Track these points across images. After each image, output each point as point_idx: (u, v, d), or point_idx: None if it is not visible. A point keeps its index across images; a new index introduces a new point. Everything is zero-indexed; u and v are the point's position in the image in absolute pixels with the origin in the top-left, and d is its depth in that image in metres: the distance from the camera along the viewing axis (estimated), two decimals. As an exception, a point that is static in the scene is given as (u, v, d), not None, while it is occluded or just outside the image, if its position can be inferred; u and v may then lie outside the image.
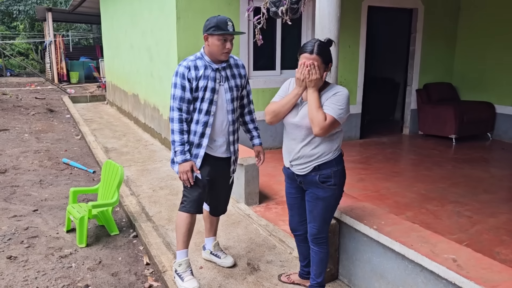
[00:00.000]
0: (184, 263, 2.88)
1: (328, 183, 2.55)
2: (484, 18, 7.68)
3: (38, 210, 4.28)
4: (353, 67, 7.32)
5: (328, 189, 2.56)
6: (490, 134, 7.70)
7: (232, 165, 3.05)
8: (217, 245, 3.31)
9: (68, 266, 3.22)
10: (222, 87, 2.85)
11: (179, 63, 2.83)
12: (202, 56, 2.84)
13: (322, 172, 2.54)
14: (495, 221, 4.08)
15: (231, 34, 2.76)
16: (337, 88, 2.50)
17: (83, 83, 17.21)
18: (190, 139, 2.84)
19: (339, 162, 2.60)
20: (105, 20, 11.69)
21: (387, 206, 4.47)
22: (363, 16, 7.21)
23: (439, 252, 2.35)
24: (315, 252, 2.73)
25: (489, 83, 7.70)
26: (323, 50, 2.43)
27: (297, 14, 2.97)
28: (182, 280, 2.83)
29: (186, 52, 5.94)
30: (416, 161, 6.29)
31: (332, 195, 2.59)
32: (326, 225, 2.68)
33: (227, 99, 2.87)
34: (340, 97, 2.44)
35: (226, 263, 3.24)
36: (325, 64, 2.45)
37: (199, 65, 2.80)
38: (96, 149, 6.53)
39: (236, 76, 2.95)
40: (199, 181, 2.88)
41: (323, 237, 2.69)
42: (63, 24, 24.25)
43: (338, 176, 2.57)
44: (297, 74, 2.46)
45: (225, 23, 2.73)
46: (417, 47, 7.89)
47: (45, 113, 9.90)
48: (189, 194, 2.91)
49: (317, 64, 2.40)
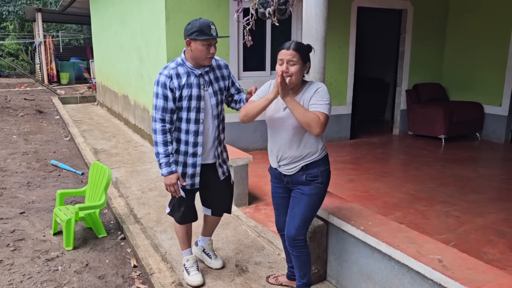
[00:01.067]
0: (191, 259, 3.06)
1: (315, 181, 2.57)
2: (473, 19, 7.74)
3: (25, 213, 4.24)
4: (343, 68, 7.34)
5: (314, 187, 2.58)
6: (479, 134, 7.77)
7: (219, 167, 2.99)
8: (211, 245, 3.31)
9: (54, 269, 3.18)
10: (207, 92, 2.78)
11: (160, 71, 2.71)
12: (183, 62, 2.73)
13: (309, 171, 2.56)
14: (483, 220, 4.11)
15: (215, 38, 2.68)
16: (316, 85, 2.53)
17: (74, 84, 17.10)
18: (183, 149, 2.79)
19: (326, 162, 2.63)
20: (95, 20, 11.62)
21: (376, 206, 4.48)
22: (352, 17, 7.23)
23: (425, 253, 2.36)
24: (295, 256, 2.70)
25: (477, 83, 7.76)
26: (300, 47, 2.46)
27: (285, 15, 2.96)
28: (188, 274, 3.00)
29: (176, 53, 5.92)
30: (405, 161, 6.32)
31: (317, 193, 2.60)
32: (305, 227, 2.64)
33: (212, 104, 2.81)
34: (322, 92, 2.47)
35: (215, 265, 3.23)
36: (303, 61, 2.46)
37: (181, 72, 2.69)
38: (85, 151, 6.48)
39: (220, 79, 2.89)
40: (189, 192, 2.88)
41: (300, 240, 2.63)
42: (53, 25, 24.08)
43: (325, 175, 2.60)
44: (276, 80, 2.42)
45: (208, 27, 2.64)
46: (406, 48, 7.94)
47: (34, 114, 9.81)
48: (178, 205, 2.93)
49: (295, 60, 2.41)
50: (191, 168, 2.82)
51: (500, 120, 7.45)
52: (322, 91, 2.48)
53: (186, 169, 2.83)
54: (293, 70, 2.43)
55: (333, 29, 6.97)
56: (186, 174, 2.83)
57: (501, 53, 7.30)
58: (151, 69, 6.79)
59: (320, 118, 2.38)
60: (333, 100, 7.24)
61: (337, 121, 7.39)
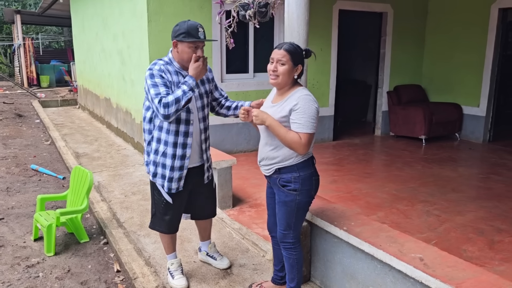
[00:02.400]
0: (176, 262, 3.03)
1: (287, 187, 2.51)
2: (451, 22, 7.89)
3: (4, 219, 4.15)
4: (325, 70, 7.40)
5: (288, 194, 2.51)
6: (458, 135, 7.92)
7: (206, 172, 2.98)
8: (213, 247, 3.30)
9: (35, 276, 3.13)
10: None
11: (150, 67, 2.64)
12: (171, 61, 2.70)
13: (282, 176, 2.51)
14: (462, 219, 4.20)
15: (202, 41, 2.65)
16: (299, 95, 2.41)
17: (54, 87, 16.82)
18: (170, 152, 2.72)
19: (303, 168, 2.50)
20: (75, 22, 11.47)
21: (359, 206, 4.53)
22: (334, 20, 7.31)
23: (407, 252, 2.40)
24: (285, 257, 2.71)
25: (456, 85, 7.92)
26: (293, 49, 2.42)
27: (266, 18, 2.98)
28: (172, 277, 2.99)
29: (158, 55, 5.88)
30: (387, 162, 6.41)
31: (293, 201, 2.52)
32: (291, 231, 2.60)
33: (198, 107, 2.78)
34: (303, 107, 2.36)
35: (222, 265, 3.24)
36: (293, 63, 2.41)
37: (170, 70, 2.66)
38: (67, 155, 6.39)
39: (205, 82, 2.87)
40: (175, 198, 2.84)
41: (289, 243, 2.63)
42: (33, 27, 23.67)
43: (300, 183, 2.49)
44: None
45: (196, 30, 2.61)
46: (387, 50, 8.05)
47: (13, 118, 9.63)
48: (162, 215, 2.89)
49: (284, 60, 2.39)
50: (178, 171, 2.76)
51: (478, 120, 7.61)
52: (303, 106, 2.36)
53: (173, 173, 2.76)
54: (280, 70, 2.40)
55: (315, 31, 7.03)
56: (173, 179, 2.77)
57: (479, 55, 7.46)
58: (133, 71, 6.73)
59: (301, 139, 2.35)
60: (316, 102, 7.29)
61: (320, 123, 7.44)
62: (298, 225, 2.63)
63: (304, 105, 2.36)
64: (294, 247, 2.65)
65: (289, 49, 2.41)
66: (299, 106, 2.37)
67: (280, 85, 2.47)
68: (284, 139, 2.38)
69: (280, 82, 2.44)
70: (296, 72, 2.47)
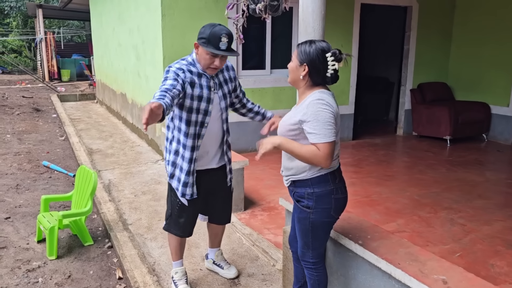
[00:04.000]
0: (180, 271, 2.92)
1: (301, 203, 2.26)
2: (480, 16, 7.49)
3: (10, 218, 4.06)
4: (346, 67, 7.10)
5: (302, 210, 2.26)
6: (486, 135, 7.53)
7: (229, 173, 2.88)
8: (221, 255, 3.16)
9: (34, 282, 3.01)
10: (217, 95, 2.64)
11: (170, 65, 2.54)
12: (194, 62, 2.59)
13: (297, 189, 2.27)
14: (489, 229, 3.90)
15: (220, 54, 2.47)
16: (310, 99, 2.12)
17: (75, 81, 16.95)
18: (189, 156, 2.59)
19: (319, 184, 2.21)
20: (94, 17, 11.45)
21: (378, 212, 4.28)
22: (356, 14, 7.01)
23: (429, 272, 2.16)
24: (306, 276, 2.48)
25: (484, 83, 7.52)
26: (303, 46, 2.19)
27: (278, 12, 2.77)
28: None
29: (172, 51, 5.73)
30: (409, 164, 6.11)
31: (306, 218, 2.26)
32: (310, 250, 2.36)
33: (222, 107, 2.67)
34: (314, 114, 2.07)
35: (229, 274, 3.09)
36: (299, 61, 2.17)
37: (193, 71, 2.56)
38: (79, 151, 6.31)
39: (228, 81, 2.75)
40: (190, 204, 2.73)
41: (309, 262, 2.41)
42: (56, 21, 23.94)
43: (314, 200, 2.21)
44: None
45: (218, 39, 2.42)
46: (411, 46, 7.71)
47: (31, 113, 9.65)
48: (177, 217, 2.78)
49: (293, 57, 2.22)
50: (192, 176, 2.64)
51: (508, 121, 7.21)
52: (312, 113, 2.07)
53: (188, 178, 2.64)
54: (289, 66, 2.25)
55: (335, 27, 6.76)
56: (188, 184, 2.64)
57: (509, 52, 7.06)
58: (148, 67, 6.60)
59: (320, 150, 2.06)
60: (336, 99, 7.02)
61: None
62: (316, 245, 2.37)
63: (313, 112, 2.08)
64: (315, 268, 2.42)
65: (299, 45, 2.21)
66: (308, 114, 2.09)
67: (290, 83, 2.27)
68: (301, 155, 2.10)
69: (289, 80, 2.27)
70: (300, 71, 2.17)
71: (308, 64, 2.15)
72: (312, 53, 2.14)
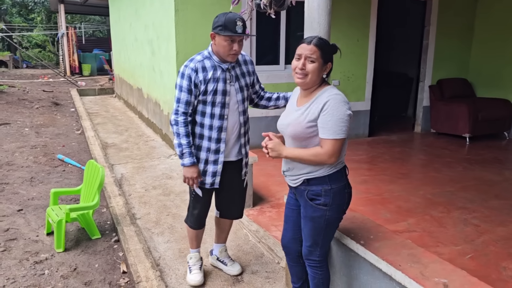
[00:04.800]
0: (194, 257, 3.01)
1: (316, 201, 2.20)
2: (503, 10, 7.25)
3: (22, 210, 4.14)
4: (362, 62, 7.00)
5: (317, 209, 2.21)
6: (507, 133, 7.31)
7: (244, 167, 2.90)
8: (224, 251, 3.17)
9: (40, 273, 3.05)
10: (233, 87, 2.67)
11: (185, 63, 2.62)
12: (210, 55, 2.63)
13: (311, 188, 2.20)
14: (504, 231, 3.78)
15: (239, 36, 2.53)
16: (328, 95, 2.11)
17: (95, 76, 17.20)
18: (205, 145, 2.69)
19: (335, 180, 2.20)
20: (112, 12, 11.57)
21: (389, 211, 4.20)
22: (373, 8, 6.87)
23: (430, 275, 2.09)
24: (309, 275, 2.45)
25: (506, 79, 7.29)
26: (323, 44, 2.14)
27: (284, 7, 2.72)
28: (190, 272, 2.98)
29: (185, 47, 5.73)
30: (425, 162, 5.98)
31: (322, 216, 2.22)
32: (319, 248, 2.34)
33: (238, 100, 2.70)
34: (330, 109, 2.06)
35: (232, 271, 3.09)
36: (323, 61, 2.13)
37: (207, 66, 2.60)
38: (94, 145, 6.39)
39: (246, 74, 2.77)
40: (206, 193, 2.82)
41: (315, 261, 2.38)
42: (78, 16, 24.31)
43: (331, 196, 2.19)
44: None
45: (233, 23, 2.50)
46: (430, 41, 7.52)
47: (50, 107, 9.83)
48: (192, 208, 2.88)
49: (314, 57, 2.10)
50: (212, 165, 2.72)
51: (531, 118, 6.98)
52: (331, 107, 2.05)
53: (207, 167, 2.73)
54: (310, 68, 2.11)
55: (350, 21, 6.65)
56: (206, 172, 2.73)
57: (533, 47, 6.82)
58: (162, 62, 6.62)
59: (323, 148, 2.07)
60: (351, 95, 6.92)
61: (354, 117, 6.95)
62: (326, 243, 2.36)
63: (333, 107, 2.05)
64: (320, 266, 2.39)
65: (319, 44, 2.12)
66: (327, 107, 2.06)
67: (307, 85, 2.16)
68: (308, 159, 2.12)
69: (309, 82, 2.14)
70: (326, 70, 2.17)
71: (331, 61, 2.18)
72: (331, 50, 2.18)
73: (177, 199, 4.49)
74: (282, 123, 2.28)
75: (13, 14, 25.72)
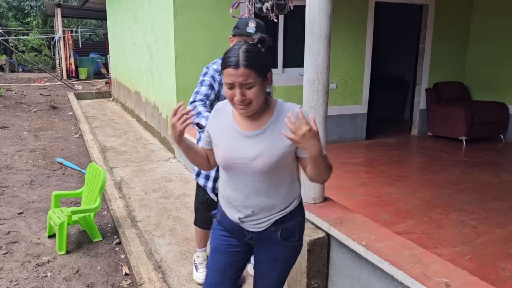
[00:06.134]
0: (202, 256, 3.06)
1: (291, 239, 1.86)
2: (499, 14, 7.33)
3: (23, 213, 4.15)
4: (359, 65, 7.05)
5: (290, 247, 1.89)
6: (503, 136, 7.37)
7: None
8: None
9: (43, 276, 3.06)
10: None
11: (208, 65, 2.64)
12: None
13: (285, 225, 1.84)
14: (502, 232, 3.82)
15: (247, 35, 2.51)
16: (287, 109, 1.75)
17: (92, 79, 17.19)
18: None
19: (302, 207, 1.94)
20: (110, 16, 11.59)
21: (388, 213, 4.23)
22: (370, 13, 6.93)
23: (431, 275, 2.13)
24: None
25: (502, 83, 7.36)
26: (254, 59, 1.64)
27: (284, 11, 2.75)
28: (197, 270, 3.03)
29: (184, 50, 5.76)
30: (422, 164, 6.02)
31: (295, 254, 1.94)
32: None
33: None
34: None
35: None
36: (262, 78, 1.67)
37: None
38: (93, 148, 6.40)
39: None
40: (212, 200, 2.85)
41: None
42: (74, 20, 24.31)
43: (303, 227, 1.93)
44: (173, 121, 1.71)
45: (245, 24, 2.53)
46: (427, 45, 7.58)
47: (47, 110, 9.82)
48: (205, 211, 2.90)
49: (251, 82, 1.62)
50: (214, 171, 2.74)
51: (526, 121, 7.05)
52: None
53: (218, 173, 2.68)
54: (251, 95, 1.64)
55: (348, 25, 6.70)
56: (217, 179, 2.74)
57: (529, 51, 6.90)
58: (160, 66, 6.65)
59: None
60: (348, 98, 6.98)
61: (352, 121, 7.12)
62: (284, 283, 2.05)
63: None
64: None
65: (250, 62, 1.62)
66: None
67: (254, 110, 1.70)
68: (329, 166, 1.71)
69: (254, 108, 1.69)
70: (268, 82, 1.73)
71: (269, 69, 1.74)
72: (265, 56, 1.72)
73: (177, 202, 4.50)
74: (242, 157, 1.73)
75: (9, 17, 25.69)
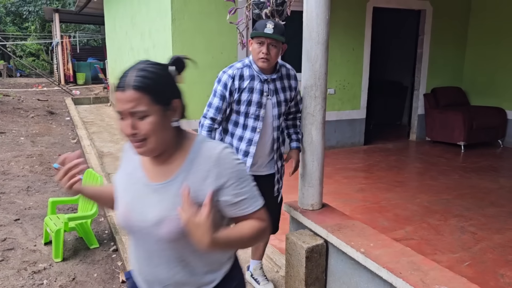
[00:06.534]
0: (258, 268, 3.02)
1: None
2: (496, 20, 7.36)
3: (19, 220, 4.12)
4: (357, 70, 7.06)
5: None
6: (501, 141, 7.38)
7: (276, 183, 2.78)
8: (259, 269, 3.05)
9: (39, 283, 3.03)
10: (270, 101, 2.57)
11: (224, 69, 2.56)
12: (250, 64, 2.54)
13: None
14: (501, 238, 3.81)
15: (265, 36, 2.40)
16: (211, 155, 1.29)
17: (90, 84, 17.18)
18: None
19: (239, 267, 1.51)
20: (108, 21, 11.59)
21: (386, 219, 4.22)
22: (367, 18, 6.95)
23: (430, 282, 2.11)
24: None
25: (500, 88, 7.38)
26: (149, 78, 1.24)
27: (282, 17, 2.74)
28: (258, 283, 2.98)
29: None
30: (421, 170, 6.01)
31: None
32: None
33: (274, 114, 2.60)
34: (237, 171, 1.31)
35: None
36: (162, 104, 1.25)
37: (245, 74, 2.51)
38: (90, 154, 6.37)
39: (286, 89, 2.66)
40: None
41: None
42: (72, 25, 24.33)
43: None
44: None
45: (263, 26, 2.41)
46: (425, 50, 7.60)
47: (45, 116, 9.80)
48: None
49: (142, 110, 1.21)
50: None
51: (524, 126, 7.06)
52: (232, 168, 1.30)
53: None
54: (144, 127, 1.22)
55: (346, 30, 6.71)
56: None
57: (526, 56, 6.92)
58: (158, 71, 6.63)
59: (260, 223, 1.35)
60: (346, 104, 6.98)
61: (350, 126, 7.12)
62: None
63: (231, 169, 1.30)
64: None
65: (142, 84, 1.22)
66: (228, 172, 1.29)
67: (155, 151, 1.28)
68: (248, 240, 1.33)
69: (154, 147, 1.26)
70: (174, 114, 1.29)
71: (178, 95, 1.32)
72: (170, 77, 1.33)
73: (174, 208, 4.48)
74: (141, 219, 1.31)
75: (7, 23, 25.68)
